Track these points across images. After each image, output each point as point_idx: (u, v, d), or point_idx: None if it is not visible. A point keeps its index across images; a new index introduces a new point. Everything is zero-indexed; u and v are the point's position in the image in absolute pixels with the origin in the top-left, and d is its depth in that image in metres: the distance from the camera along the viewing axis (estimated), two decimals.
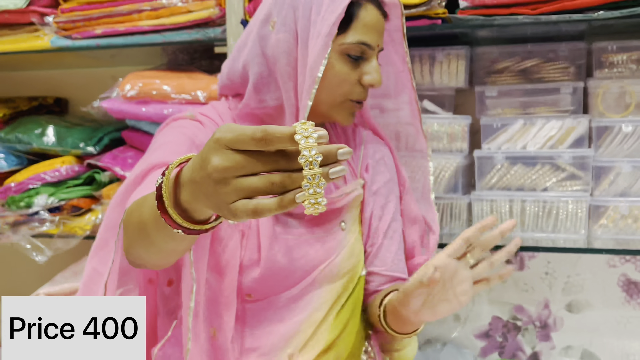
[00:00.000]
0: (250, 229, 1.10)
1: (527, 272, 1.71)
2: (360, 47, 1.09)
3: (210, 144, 0.62)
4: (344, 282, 1.16)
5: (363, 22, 1.08)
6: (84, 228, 1.65)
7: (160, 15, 1.53)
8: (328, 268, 1.13)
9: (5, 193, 1.70)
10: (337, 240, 1.15)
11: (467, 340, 1.78)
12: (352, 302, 1.19)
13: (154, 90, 1.55)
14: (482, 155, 1.50)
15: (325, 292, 1.13)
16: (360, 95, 1.12)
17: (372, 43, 1.09)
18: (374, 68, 1.10)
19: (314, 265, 1.13)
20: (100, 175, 1.67)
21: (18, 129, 1.75)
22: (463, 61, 1.51)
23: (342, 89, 1.10)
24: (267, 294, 1.12)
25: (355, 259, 1.18)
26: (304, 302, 1.13)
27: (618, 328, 1.67)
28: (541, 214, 1.48)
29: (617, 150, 1.43)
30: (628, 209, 1.42)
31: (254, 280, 1.09)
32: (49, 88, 2.03)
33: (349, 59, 1.09)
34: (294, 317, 1.12)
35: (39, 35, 1.65)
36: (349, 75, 1.10)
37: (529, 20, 1.31)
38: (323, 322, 1.14)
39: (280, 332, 1.11)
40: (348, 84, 1.10)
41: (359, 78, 1.11)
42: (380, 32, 1.12)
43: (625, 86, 1.43)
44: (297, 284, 1.12)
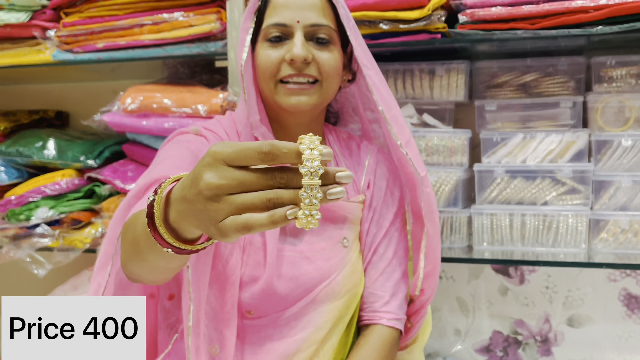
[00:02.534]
0: (252, 244, 1.10)
1: (528, 286, 1.71)
2: (275, 28, 1.08)
3: (205, 159, 0.61)
4: (345, 301, 1.14)
5: (274, 5, 1.08)
6: (83, 241, 1.65)
7: (162, 30, 1.54)
8: (330, 286, 1.12)
9: (5, 206, 1.70)
10: (339, 257, 1.14)
11: (468, 354, 1.77)
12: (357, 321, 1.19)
13: (155, 104, 1.56)
14: (482, 169, 1.50)
15: (327, 311, 1.12)
16: (285, 72, 1.07)
17: (287, 22, 1.07)
18: (294, 43, 1.06)
19: (315, 283, 1.11)
20: (101, 189, 1.67)
21: (19, 142, 1.75)
22: (463, 75, 1.51)
23: (268, 72, 1.08)
24: (268, 311, 1.11)
25: (357, 277, 1.16)
26: (305, 320, 1.12)
27: (619, 343, 1.66)
28: (541, 228, 1.47)
29: (617, 164, 1.44)
30: (628, 223, 1.42)
31: (255, 297, 1.09)
32: (50, 101, 2.04)
33: (270, 43, 1.08)
34: (294, 335, 1.11)
35: (41, 49, 1.66)
36: (270, 57, 1.08)
37: (528, 35, 1.31)
38: (326, 341, 1.13)
39: (280, 349, 1.10)
40: (272, 65, 1.08)
41: (283, 57, 1.08)
42: (303, 7, 1.08)
43: (624, 100, 1.43)
44: (297, 302, 1.11)
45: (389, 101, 1.13)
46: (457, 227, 1.54)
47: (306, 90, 1.08)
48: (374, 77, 1.12)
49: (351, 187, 1.20)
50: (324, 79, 1.09)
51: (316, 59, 1.07)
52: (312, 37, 1.08)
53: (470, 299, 1.76)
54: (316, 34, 1.08)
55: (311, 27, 1.07)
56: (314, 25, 1.07)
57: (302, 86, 1.08)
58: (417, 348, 1.28)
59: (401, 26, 1.37)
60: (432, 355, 1.78)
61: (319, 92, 1.09)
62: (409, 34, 1.38)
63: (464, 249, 1.54)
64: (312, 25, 1.07)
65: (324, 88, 1.10)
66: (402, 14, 1.36)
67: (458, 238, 1.54)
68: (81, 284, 1.67)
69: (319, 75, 1.08)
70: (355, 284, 1.16)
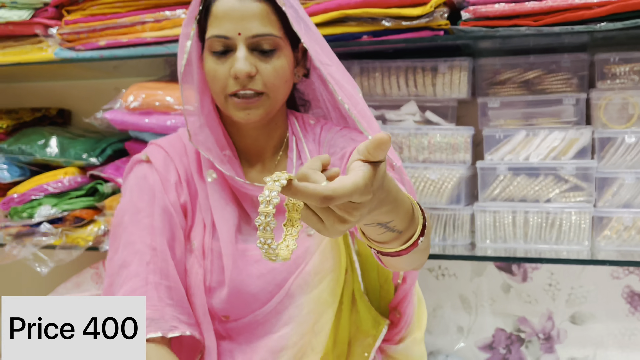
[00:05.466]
0: (212, 251, 1.11)
1: (531, 283, 1.71)
2: (217, 41, 1.05)
3: None
4: (327, 287, 1.13)
5: (215, 14, 1.06)
6: (86, 239, 1.65)
7: (164, 27, 1.54)
8: (300, 277, 1.11)
9: (8, 204, 1.71)
10: (304, 247, 1.12)
11: (471, 352, 1.77)
12: (346, 304, 1.17)
13: (157, 102, 1.56)
14: (485, 166, 1.50)
15: (305, 303, 1.12)
16: (232, 87, 1.06)
17: (228, 34, 1.04)
18: (237, 58, 1.04)
19: (284, 278, 1.11)
20: (103, 187, 1.67)
21: (21, 140, 1.76)
22: (465, 72, 1.51)
23: (216, 86, 1.08)
24: (243, 312, 1.12)
25: (330, 263, 1.13)
26: (285, 315, 1.12)
27: (622, 340, 1.66)
28: (544, 225, 1.47)
29: (620, 161, 1.43)
30: (632, 220, 1.42)
31: (223, 301, 1.11)
32: (52, 99, 2.04)
33: (215, 57, 1.07)
34: (278, 332, 1.12)
35: (43, 46, 1.66)
36: (217, 70, 1.06)
37: (531, 31, 1.31)
38: (316, 331, 1.12)
39: (268, 346, 1.11)
40: (219, 80, 1.07)
41: (229, 71, 1.06)
42: (244, 18, 1.04)
43: (627, 97, 1.43)
44: (272, 299, 1.12)
45: (354, 96, 1.12)
46: (460, 224, 1.54)
47: (253, 103, 1.07)
48: (335, 73, 1.10)
49: None
50: (269, 91, 1.07)
51: (260, 72, 1.06)
52: (256, 48, 1.06)
53: (473, 297, 1.76)
54: (260, 44, 1.05)
55: (253, 38, 1.05)
56: (256, 36, 1.04)
57: (250, 100, 1.06)
58: (415, 342, 1.26)
59: (403, 23, 1.37)
60: (434, 353, 1.78)
61: (267, 103, 1.08)
62: (411, 31, 1.38)
63: (466, 246, 1.54)
64: (255, 36, 1.04)
65: (272, 98, 1.09)
66: (404, 10, 1.35)
67: (461, 235, 1.54)
68: (84, 281, 1.67)
69: (264, 87, 1.07)
70: (330, 269, 1.13)
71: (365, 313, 1.19)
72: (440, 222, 1.55)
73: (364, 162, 0.64)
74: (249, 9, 1.04)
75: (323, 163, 0.68)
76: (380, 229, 0.77)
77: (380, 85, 1.56)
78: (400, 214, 0.75)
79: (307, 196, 0.60)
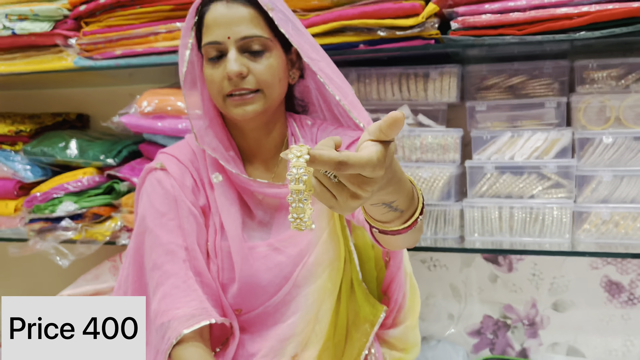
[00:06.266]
0: (222, 250, 1.11)
1: (516, 274, 1.71)
2: (211, 48, 1.07)
3: None
4: (328, 276, 1.14)
5: (207, 24, 1.07)
6: (104, 234, 1.65)
7: (175, 37, 1.54)
8: (305, 268, 1.12)
9: (31, 202, 1.71)
10: (306, 241, 1.13)
11: (460, 337, 1.77)
12: (345, 292, 1.18)
13: (169, 107, 1.56)
14: (473, 165, 1.50)
15: (310, 293, 1.12)
16: (227, 88, 1.07)
17: (219, 39, 1.05)
18: (228, 59, 1.05)
19: (290, 270, 1.12)
20: (119, 185, 1.67)
21: (43, 143, 1.76)
22: (455, 78, 1.51)
23: (214, 88, 1.09)
24: (254, 305, 1.13)
25: (333, 252, 1.15)
26: (293, 305, 1.13)
27: (601, 326, 1.66)
28: (528, 219, 1.47)
29: (598, 160, 1.44)
30: (609, 215, 1.42)
31: (236, 296, 1.11)
32: (71, 105, 2.04)
33: (211, 63, 1.08)
34: (287, 320, 1.12)
35: (63, 56, 1.66)
36: (213, 74, 1.07)
37: (515, 40, 1.31)
38: (318, 319, 1.13)
39: (277, 334, 1.12)
40: (216, 83, 1.08)
41: (223, 75, 1.07)
42: (232, 22, 1.05)
43: (605, 101, 1.43)
44: (280, 289, 1.12)
45: (344, 89, 1.12)
46: (450, 219, 1.54)
47: (249, 100, 1.07)
48: (326, 68, 1.11)
49: None
50: (264, 88, 1.08)
51: (252, 71, 1.06)
52: (246, 49, 1.06)
53: (462, 286, 1.76)
54: (249, 45, 1.06)
55: (242, 40, 1.05)
56: (244, 37, 1.05)
57: (245, 97, 1.07)
58: (410, 327, 1.27)
59: (397, 33, 1.37)
60: (427, 338, 1.78)
61: (263, 100, 1.09)
62: (404, 40, 1.38)
63: (456, 239, 1.54)
64: (243, 38, 1.05)
65: (267, 95, 1.09)
66: (398, 21, 1.36)
67: (451, 229, 1.55)
68: (102, 273, 1.67)
69: (258, 85, 1.07)
70: (331, 260, 1.14)
71: (363, 300, 1.19)
72: (431, 217, 1.55)
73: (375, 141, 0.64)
74: (237, 14, 1.05)
75: (336, 143, 0.68)
76: (384, 208, 0.77)
77: (376, 91, 1.57)
78: (403, 194, 0.76)
79: (324, 162, 0.59)
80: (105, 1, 1.57)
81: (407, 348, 1.27)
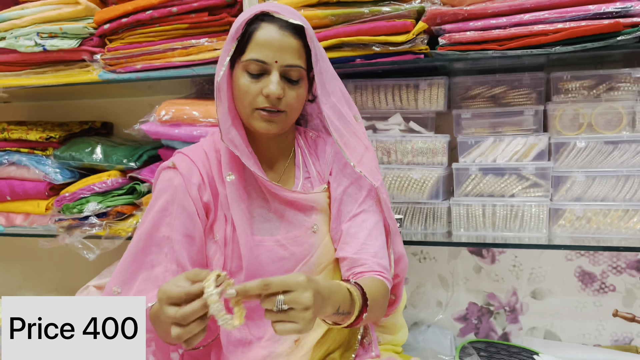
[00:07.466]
0: (233, 241, 1.10)
1: (498, 265, 1.71)
2: (254, 63, 1.04)
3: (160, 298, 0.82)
4: (326, 275, 1.15)
5: (257, 41, 1.04)
6: (126, 230, 1.65)
7: (190, 53, 1.54)
8: (306, 266, 1.12)
9: (61, 201, 1.71)
10: (310, 242, 1.13)
11: (448, 322, 1.77)
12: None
13: (185, 115, 1.56)
14: (459, 167, 1.50)
15: None
16: (263, 104, 1.05)
17: (267, 60, 1.04)
18: (271, 81, 1.04)
19: (292, 266, 1.12)
20: (140, 186, 1.67)
21: (71, 148, 1.76)
22: (442, 89, 1.51)
23: (246, 100, 1.06)
24: None
25: (331, 254, 1.16)
26: None
27: (575, 312, 1.66)
28: (509, 216, 1.47)
29: (572, 162, 1.43)
30: (582, 212, 1.42)
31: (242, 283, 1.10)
32: (97, 114, 2.04)
33: (250, 76, 1.06)
34: None
35: (89, 70, 1.66)
36: (250, 87, 1.05)
37: (497, 54, 1.31)
38: None
39: None
40: (250, 95, 1.06)
41: (261, 90, 1.05)
42: (282, 49, 1.04)
43: (578, 109, 1.42)
44: None
45: (341, 130, 1.13)
46: (439, 216, 1.54)
47: (275, 117, 1.07)
48: (328, 110, 1.11)
49: (316, 179, 1.19)
50: (289, 111, 1.08)
51: (286, 95, 1.06)
52: (285, 75, 1.06)
53: (450, 276, 1.76)
54: (290, 73, 1.06)
55: (286, 67, 1.05)
56: (289, 66, 1.05)
57: (273, 115, 1.06)
58: (398, 312, 1.31)
59: (390, 48, 1.37)
60: (418, 324, 1.78)
61: (285, 121, 1.09)
62: (397, 54, 1.38)
63: (444, 234, 1.53)
64: (288, 65, 1.05)
65: (289, 117, 1.09)
66: (391, 38, 1.35)
67: (439, 225, 1.54)
68: None
69: (286, 108, 1.07)
70: (330, 260, 1.15)
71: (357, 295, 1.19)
72: (422, 214, 1.55)
73: None
74: (287, 42, 1.05)
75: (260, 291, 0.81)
76: (333, 316, 0.92)
77: (371, 100, 1.56)
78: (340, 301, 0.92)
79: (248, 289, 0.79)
80: (127, 20, 1.56)
81: (396, 330, 1.32)
